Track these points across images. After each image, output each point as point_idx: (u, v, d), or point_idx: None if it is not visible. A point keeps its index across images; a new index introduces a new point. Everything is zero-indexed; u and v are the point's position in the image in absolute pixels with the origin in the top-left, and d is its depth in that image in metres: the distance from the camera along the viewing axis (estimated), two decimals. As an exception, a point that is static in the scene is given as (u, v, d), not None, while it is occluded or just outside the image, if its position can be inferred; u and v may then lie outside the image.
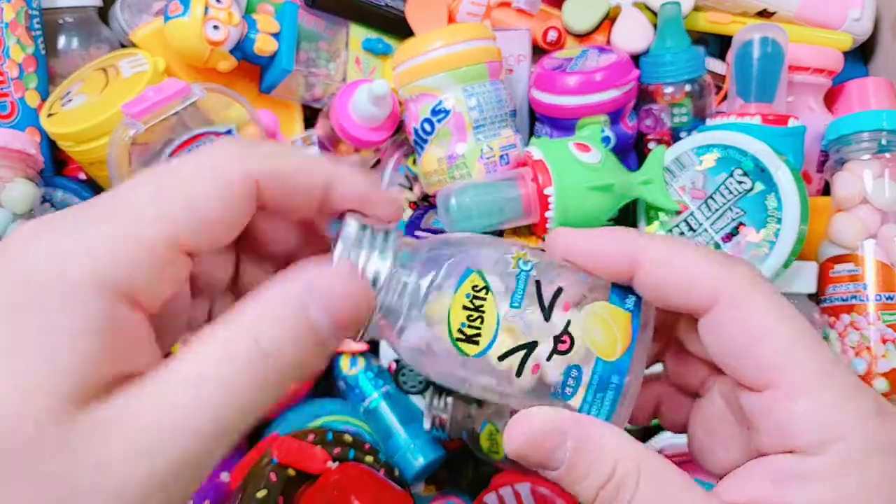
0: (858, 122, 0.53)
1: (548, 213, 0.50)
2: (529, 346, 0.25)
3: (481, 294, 0.25)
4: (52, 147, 0.58)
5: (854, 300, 0.52)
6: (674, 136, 0.57)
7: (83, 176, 0.60)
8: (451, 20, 0.59)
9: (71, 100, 0.55)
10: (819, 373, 0.23)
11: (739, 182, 0.49)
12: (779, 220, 0.48)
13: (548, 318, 0.25)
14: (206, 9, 0.53)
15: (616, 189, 0.50)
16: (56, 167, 0.60)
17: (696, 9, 0.59)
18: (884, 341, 0.50)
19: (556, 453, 0.24)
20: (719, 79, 0.61)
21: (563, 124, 0.56)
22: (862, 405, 0.23)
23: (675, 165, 0.52)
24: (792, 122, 0.52)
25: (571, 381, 0.25)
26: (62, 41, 0.61)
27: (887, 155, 0.52)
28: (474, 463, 0.60)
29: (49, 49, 0.60)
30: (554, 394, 0.25)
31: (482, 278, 0.25)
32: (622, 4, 0.59)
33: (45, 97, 0.58)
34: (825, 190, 0.60)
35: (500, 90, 0.53)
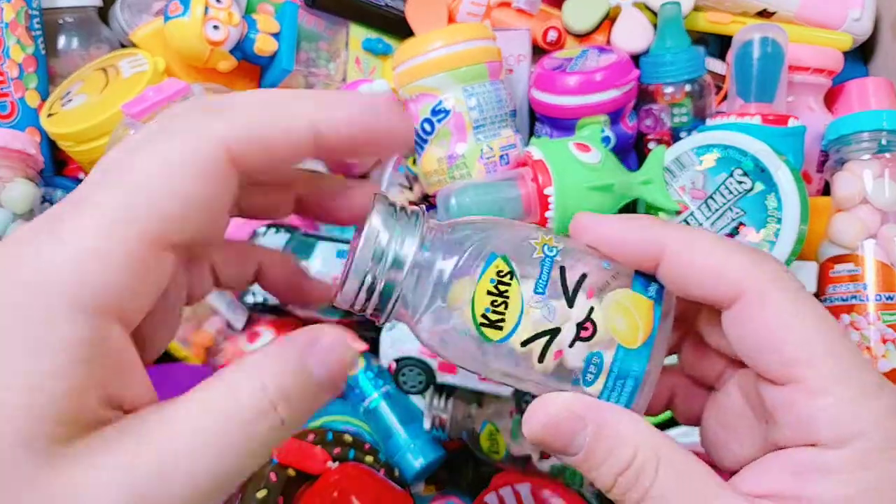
0: (858, 122, 0.53)
1: (548, 213, 0.50)
2: (552, 333, 0.25)
3: (506, 279, 0.25)
4: (52, 147, 0.58)
5: (854, 300, 0.52)
6: (674, 136, 0.57)
7: (83, 176, 0.60)
8: (451, 20, 0.59)
9: (71, 100, 0.55)
10: (842, 369, 0.23)
11: (739, 182, 0.49)
12: (779, 220, 0.48)
13: (571, 304, 0.25)
14: (206, 9, 0.53)
15: (616, 189, 0.50)
16: (56, 167, 0.60)
17: (696, 9, 0.59)
18: (884, 341, 0.50)
19: (575, 439, 0.24)
20: (719, 79, 0.61)
21: (563, 124, 0.56)
22: (883, 402, 0.23)
23: (675, 165, 0.52)
24: (792, 122, 0.52)
25: (593, 367, 0.25)
26: (62, 41, 0.61)
27: (887, 155, 0.52)
28: (474, 463, 0.60)
29: (49, 49, 0.60)
30: (575, 380, 0.25)
31: (507, 263, 0.25)
32: (622, 4, 0.59)
33: (45, 97, 0.58)
34: (825, 190, 0.60)
35: (500, 90, 0.53)
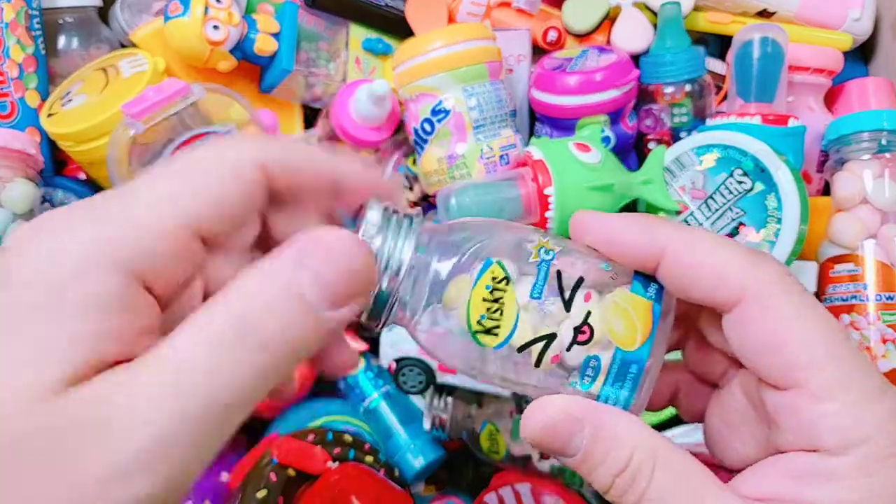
0: (858, 122, 0.53)
1: (548, 213, 0.50)
2: (549, 338, 0.25)
3: (501, 285, 0.25)
4: (52, 147, 0.58)
5: (854, 300, 0.52)
6: (674, 136, 0.57)
7: (83, 176, 0.60)
8: (451, 20, 0.59)
9: (71, 100, 0.55)
10: (845, 374, 0.23)
11: (739, 182, 0.49)
12: (779, 220, 0.48)
13: (568, 308, 0.25)
14: (206, 9, 0.53)
15: (616, 189, 0.50)
16: (56, 167, 0.60)
17: (696, 9, 0.59)
18: (884, 341, 0.50)
19: (572, 440, 0.24)
20: (719, 79, 0.61)
21: (563, 124, 0.56)
22: (887, 407, 0.23)
23: (675, 165, 0.52)
24: (792, 122, 0.52)
25: (590, 370, 0.25)
26: (62, 41, 0.61)
27: (887, 155, 0.52)
28: (474, 463, 0.60)
29: (49, 49, 0.59)
30: (572, 383, 0.25)
31: (503, 269, 0.25)
32: (622, 4, 0.59)
33: (45, 97, 0.58)
34: (825, 190, 0.60)
35: (500, 90, 0.53)
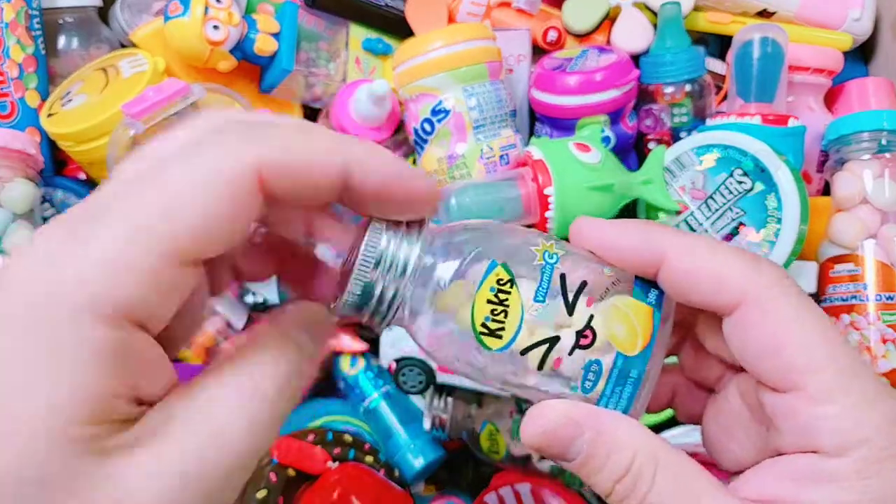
0: (858, 122, 0.53)
1: (548, 213, 0.50)
2: (552, 341, 0.25)
3: (506, 287, 0.25)
4: (52, 147, 0.58)
5: (854, 300, 0.52)
6: (674, 136, 0.57)
7: (83, 176, 0.60)
8: (451, 20, 0.59)
9: (71, 100, 0.55)
10: (844, 376, 0.23)
11: (739, 182, 0.49)
12: (779, 220, 0.48)
13: (571, 312, 0.25)
14: (206, 9, 0.53)
15: (616, 189, 0.50)
16: (56, 167, 0.60)
17: (696, 9, 0.59)
18: (884, 341, 0.50)
19: (572, 445, 0.24)
20: (719, 79, 0.61)
21: (563, 124, 0.56)
22: (885, 409, 0.23)
23: (675, 165, 0.52)
24: (792, 122, 0.52)
25: (591, 374, 0.25)
26: (62, 41, 0.61)
27: (887, 155, 0.52)
28: (474, 463, 0.60)
29: (49, 49, 0.59)
30: (573, 387, 0.25)
31: (507, 271, 0.25)
32: (622, 4, 0.59)
33: (45, 97, 0.58)
34: (825, 190, 0.60)
35: (500, 90, 0.53)
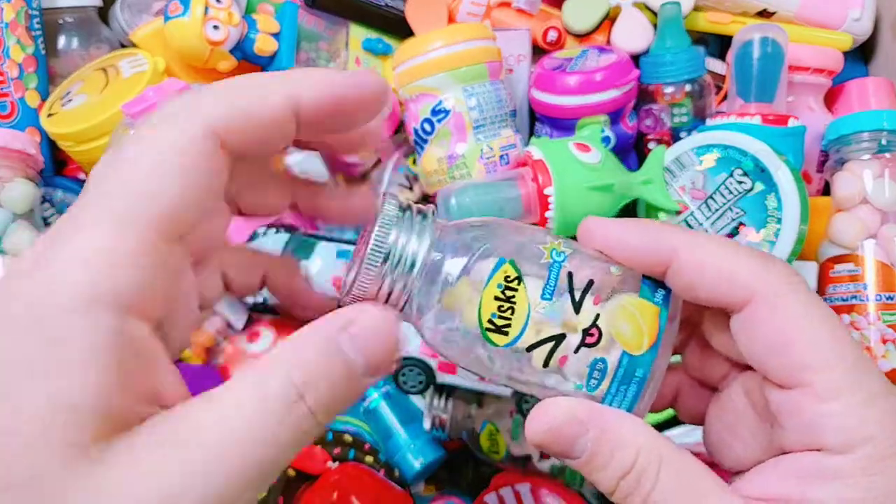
0: (858, 122, 0.53)
1: (548, 213, 0.50)
2: (558, 339, 0.25)
3: (513, 284, 0.25)
4: (52, 147, 0.58)
5: (854, 300, 0.52)
6: (674, 136, 0.57)
7: (83, 176, 0.60)
8: (451, 20, 0.59)
9: (71, 100, 0.55)
10: (850, 374, 0.23)
11: (739, 182, 0.49)
12: (779, 220, 0.48)
13: (578, 310, 0.25)
14: (206, 9, 0.53)
15: (616, 189, 0.50)
16: (56, 167, 0.60)
17: (696, 9, 0.59)
18: (884, 341, 0.50)
19: (577, 443, 0.25)
20: (719, 79, 0.61)
21: (563, 124, 0.56)
22: (891, 407, 0.23)
23: (675, 165, 0.52)
24: (792, 122, 0.52)
25: (597, 373, 0.25)
26: (62, 41, 0.61)
27: (887, 155, 0.52)
28: (474, 463, 0.60)
29: (49, 49, 0.59)
30: (578, 385, 0.25)
31: (515, 269, 0.25)
32: (622, 4, 0.59)
33: (45, 97, 0.58)
34: (825, 190, 0.60)
35: (500, 90, 0.53)
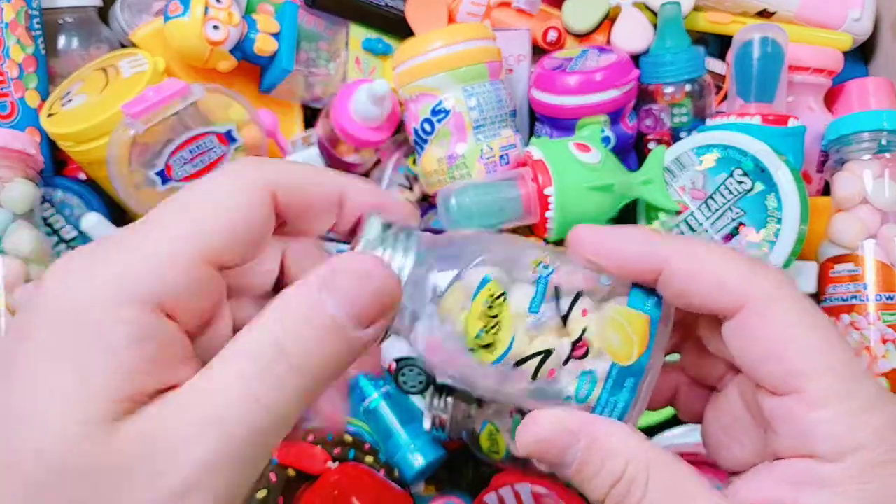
0: (858, 122, 0.53)
1: (548, 213, 0.50)
2: (546, 353, 0.25)
3: (499, 301, 0.25)
4: (52, 147, 0.58)
5: (854, 300, 0.52)
6: (674, 136, 0.57)
7: (83, 176, 0.60)
8: (451, 20, 0.59)
9: (71, 100, 0.55)
10: (843, 381, 0.23)
11: (739, 182, 0.49)
12: (779, 220, 0.48)
13: (566, 323, 0.25)
14: (206, 9, 0.53)
15: (616, 189, 0.50)
16: (56, 167, 0.60)
17: (696, 9, 0.59)
18: (884, 341, 0.50)
19: (567, 453, 0.25)
20: (719, 79, 0.61)
21: (563, 124, 0.56)
22: (883, 416, 0.23)
23: (675, 165, 0.52)
24: (792, 122, 0.52)
25: (586, 384, 0.25)
26: (62, 41, 0.61)
27: (887, 155, 0.52)
28: (474, 463, 0.60)
29: (49, 49, 0.59)
30: (567, 397, 0.25)
31: (500, 286, 0.25)
32: (622, 4, 0.59)
33: (45, 97, 0.58)
34: (825, 190, 0.60)
35: (500, 90, 0.53)
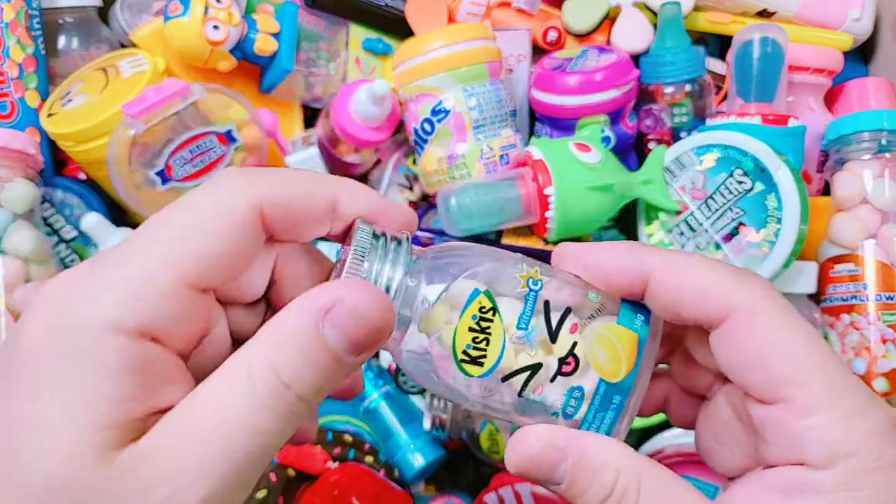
0: (858, 122, 0.53)
1: (548, 213, 0.50)
2: (534, 368, 0.25)
3: (488, 315, 0.25)
4: (52, 147, 0.58)
5: (854, 300, 0.52)
6: (674, 136, 0.57)
7: (83, 176, 0.60)
8: (451, 20, 0.59)
9: (71, 100, 0.55)
10: (831, 388, 0.23)
11: (739, 182, 0.49)
12: (779, 220, 0.48)
13: (554, 339, 0.25)
14: (206, 9, 0.53)
15: (616, 189, 0.50)
16: (56, 167, 0.60)
17: (696, 9, 0.59)
18: (884, 341, 0.50)
19: (556, 469, 0.25)
20: (719, 79, 0.61)
21: (563, 124, 0.56)
22: (873, 422, 0.23)
23: (675, 165, 0.52)
24: (792, 122, 0.52)
25: (573, 401, 0.25)
26: (62, 41, 0.61)
27: (887, 155, 0.52)
28: (474, 463, 0.60)
29: (49, 49, 0.59)
30: (554, 413, 0.25)
31: (490, 299, 0.25)
32: (622, 4, 0.59)
33: (45, 97, 0.58)
34: (825, 190, 0.60)
35: (500, 90, 0.53)
